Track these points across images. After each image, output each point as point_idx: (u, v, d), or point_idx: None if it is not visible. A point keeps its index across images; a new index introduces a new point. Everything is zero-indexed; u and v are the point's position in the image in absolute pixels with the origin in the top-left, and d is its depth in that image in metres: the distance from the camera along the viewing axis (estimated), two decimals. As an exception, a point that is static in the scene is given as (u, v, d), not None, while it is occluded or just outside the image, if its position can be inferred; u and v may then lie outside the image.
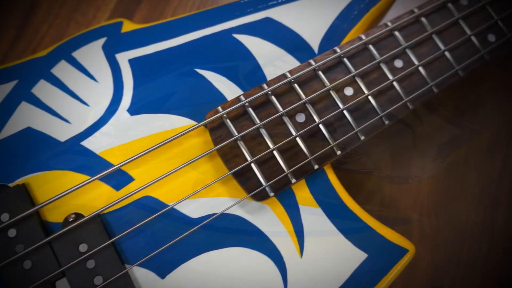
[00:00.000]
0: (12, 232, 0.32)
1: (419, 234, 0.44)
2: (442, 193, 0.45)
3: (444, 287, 0.44)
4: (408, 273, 0.43)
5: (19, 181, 0.34)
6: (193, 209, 0.35)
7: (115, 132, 0.36)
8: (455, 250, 0.44)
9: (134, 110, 0.36)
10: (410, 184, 0.45)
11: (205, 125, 0.37)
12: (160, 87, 0.37)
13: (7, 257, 0.32)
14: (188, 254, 0.34)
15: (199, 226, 0.34)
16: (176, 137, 0.34)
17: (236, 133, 0.35)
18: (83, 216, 0.34)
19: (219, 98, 0.37)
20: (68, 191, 0.33)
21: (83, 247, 0.33)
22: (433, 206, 0.45)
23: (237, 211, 0.35)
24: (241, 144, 0.35)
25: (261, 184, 0.35)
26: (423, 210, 0.45)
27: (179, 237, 0.33)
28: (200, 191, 0.35)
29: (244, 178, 0.35)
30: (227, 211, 0.35)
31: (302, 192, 0.36)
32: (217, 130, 0.35)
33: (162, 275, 0.34)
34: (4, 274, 0.32)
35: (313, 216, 0.36)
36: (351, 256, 0.35)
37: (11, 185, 0.34)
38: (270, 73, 0.38)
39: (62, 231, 0.32)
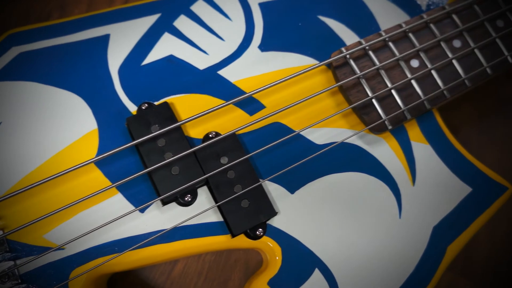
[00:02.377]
0: (161, 142, 0.36)
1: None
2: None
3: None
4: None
5: (164, 100, 0.38)
6: (317, 136, 0.39)
7: (247, 64, 0.40)
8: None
9: (264, 47, 0.40)
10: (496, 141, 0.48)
11: (327, 65, 0.40)
12: (287, 30, 0.41)
13: (158, 162, 0.35)
14: (314, 175, 0.38)
15: (323, 150, 0.38)
16: (305, 71, 0.38)
17: (359, 72, 0.39)
18: (221, 135, 0.37)
19: (339, 42, 0.41)
20: (209, 110, 0.36)
21: (223, 160, 0.36)
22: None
23: (356, 141, 0.39)
24: (363, 82, 0.39)
25: (380, 118, 0.38)
26: (507, 164, 0.48)
27: (306, 158, 0.37)
28: (323, 121, 0.38)
29: (365, 112, 0.39)
30: (347, 141, 0.39)
31: (413, 130, 0.40)
32: (341, 68, 0.39)
33: (292, 190, 0.37)
34: (154, 176, 0.35)
35: (423, 151, 0.39)
36: (457, 189, 0.39)
37: (156, 103, 0.38)
38: (383, 24, 0.42)
39: (207, 143, 0.36)
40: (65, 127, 0.37)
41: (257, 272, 0.39)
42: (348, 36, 0.42)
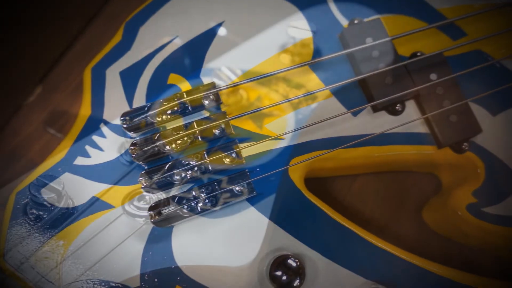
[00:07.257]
0: (375, 54, 0.38)
1: None
2: None
3: None
4: None
5: (375, 17, 0.40)
6: (517, 69, 0.40)
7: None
8: None
9: (465, -21, 0.42)
10: None
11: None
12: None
13: (372, 71, 0.37)
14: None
15: (523, 82, 0.39)
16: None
17: (563, 9, 0.40)
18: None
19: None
20: (419, 29, 0.38)
21: (433, 76, 0.38)
22: None
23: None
24: None
25: None
26: None
27: (508, 84, 0.38)
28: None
29: None
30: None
31: None
32: (545, 5, 0.40)
33: (494, 113, 0.38)
34: (370, 83, 0.37)
35: None
36: None
37: (366, 19, 0.40)
38: None
39: (419, 58, 0.38)
40: (282, 31, 0.39)
41: (439, 194, 0.40)
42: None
